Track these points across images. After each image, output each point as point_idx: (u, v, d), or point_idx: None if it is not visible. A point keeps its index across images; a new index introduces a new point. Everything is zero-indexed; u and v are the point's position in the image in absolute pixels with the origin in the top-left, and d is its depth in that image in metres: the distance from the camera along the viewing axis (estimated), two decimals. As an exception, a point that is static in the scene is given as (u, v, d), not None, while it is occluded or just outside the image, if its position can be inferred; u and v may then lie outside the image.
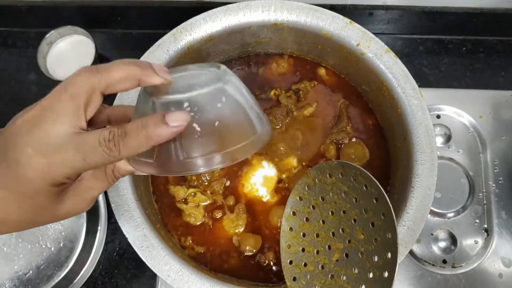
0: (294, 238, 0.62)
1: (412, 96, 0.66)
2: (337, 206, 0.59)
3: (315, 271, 0.59)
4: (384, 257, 0.54)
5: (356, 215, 0.57)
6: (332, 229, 0.59)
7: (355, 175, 0.56)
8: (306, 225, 0.62)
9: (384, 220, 0.54)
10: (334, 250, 0.59)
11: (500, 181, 0.82)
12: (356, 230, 0.57)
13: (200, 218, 0.71)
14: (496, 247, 0.79)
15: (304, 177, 0.62)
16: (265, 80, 0.79)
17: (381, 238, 0.54)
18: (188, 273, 0.60)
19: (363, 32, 0.69)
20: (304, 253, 0.61)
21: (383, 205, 0.54)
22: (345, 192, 0.58)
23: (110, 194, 0.63)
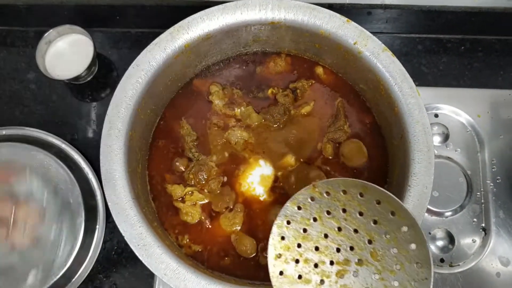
0: (286, 247, 0.59)
1: (409, 94, 0.66)
2: (347, 224, 0.57)
3: (312, 285, 0.57)
4: (408, 285, 0.53)
5: (373, 238, 0.56)
6: (336, 245, 0.58)
7: (382, 200, 0.55)
8: (302, 236, 0.59)
9: (415, 250, 0.54)
10: (338, 266, 0.57)
11: (498, 180, 0.82)
12: (370, 252, 0.56)
13: (197, 217, 0.71)
14: (494, 246, 0.79)
15: (309, 189, 0.59)
16: (262, 78, 0.79)
17: (407, 267, 0.54)
18: (185, 272, 0.60)
19: (360, 30, 0.69)
20: (298, 265, 0.58)
21: (413, 235, 0.54)
22: (361, 212, 0.57)
23: (107, 193, 0.63)
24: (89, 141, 0.88)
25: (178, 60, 0.71)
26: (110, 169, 0.64)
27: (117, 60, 0.93)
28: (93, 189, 0.83)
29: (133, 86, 0.67)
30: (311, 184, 0.59)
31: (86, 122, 0.90)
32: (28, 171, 0.81)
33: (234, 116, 0.76)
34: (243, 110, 0.76)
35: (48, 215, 0.79)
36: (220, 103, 0.76)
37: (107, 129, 0.65)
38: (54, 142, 0.85)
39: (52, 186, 0.81)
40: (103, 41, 0.94)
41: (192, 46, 0.70)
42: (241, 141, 0.74)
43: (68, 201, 0.80)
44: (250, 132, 0.75)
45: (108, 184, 0.63)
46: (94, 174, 0.83)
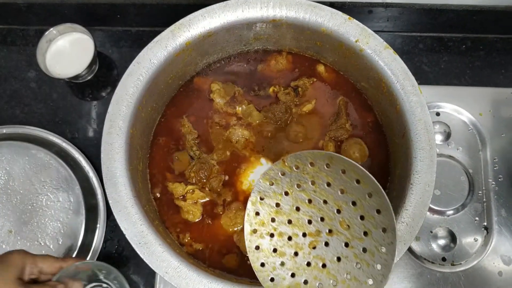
0: (261, 223, 0.61)
1: (411, 92, 0.66)
2: (317, 196, 0.59)
3: (287, 257, 0.59)
4: (376, 251, 0.55)
5: (340, 207, 0.58)
6: (307, 217, 0.59)
7: (346, 169, 0.57)
8: (275, 210, 0.61)
9: (379, 216, 0.55)
10: (310, 238, 0.59)
11: (500, 179, 0.82)
12: (340, 221, 0.58)
13: (198, 215, 0.71)
14: (496, 245, 0.78)
15: (279, 163, 0.61)
16: (263, 77, 0.78)
17: (374, 233, 0.55)
18: (186, 270, 0.60)
19: (362, 28, 0.69)
20: (273, 239, 0.60)
21: (378, 202, 0.55)
22: (329, 183, 0.58)
23: (108, 191, 0.63)
24: (90, 139, 0.88)
25: (179, 58, 0.71)
26: (111, 167, 0.63)
27: (118, 58, 0.93)
28: (94, 188, 0.83)
29: (134, 83, 0.67)
30: (281, 159, 0.61)
31: (86, 121, 0.89)
32: (29, 170, 0.81)
33: (235, 115, 0.76)
34: (244, 108, 0.76)
35: (49, 214, 0.79)
36: (221, 101, 0.76)
37: (108, 127, 0.65)
38: (55, 140, 0.85)
39: (52, 185, 0.81)
40: (104, 40, 0.94)
41: (193, 44, 0.70)
42: (242, 139, 0.74)
43: (68, 200, 0.80)
44: (251, 130, 0.75)
45: (109, 182, 0.63)
46: (94, 173, 0.83)
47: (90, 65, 0.85)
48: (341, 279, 0.57)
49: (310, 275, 0.58)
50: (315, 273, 0.58)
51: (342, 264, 0.57)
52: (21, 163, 0.81)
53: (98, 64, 0.91)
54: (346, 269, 0.56)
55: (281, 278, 0.59)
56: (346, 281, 0.56)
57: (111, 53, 0.93)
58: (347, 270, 0.56)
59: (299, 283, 0.58)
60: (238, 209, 0.71)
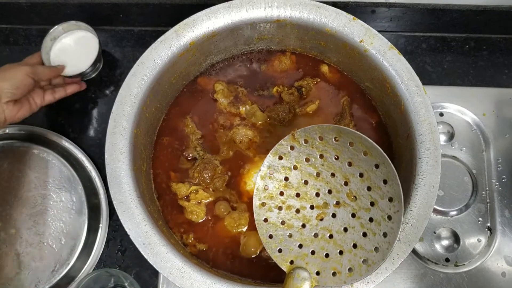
0: (269, 196, 0.62)
1: (415, 93, 0.66)
2: (324, 169, 0.60)
3: (295, 229, 0.60)
4: (382, 220, 0.56)
5: (348, 179, 0.59)
6: (315, 190, 0.60)
7: (354, 141, 0.57)
8: (284, 184, 0.62)
9: (386, 186, 0.56)
10: (317, 210, 0.60)
11: (504, 179, 0.82)
12: (347, 193, 0.59)
13: (202, 216, 0.71)
14: (499, 246, 0.78)
15: (289, 138, 0.61)
16: (267, 77, 0.78)
17: (381, 203, 0.56)
18: (190, 271, 0.60)
19: (367, 28, 0.68)
20: (281, 212, 0.61)
21: (385, 172, 0.56)
22: (337, 156, 0.59)
23: (112, 191, 0.63)
24: (92, 139, 0.88)
25: (183, 58, 0.70)
26: (115, 168, 0.63)
27: (120, 58, 0.93)
28: (96, 188, 0.83)
29: (138, 84, 0.67)
30: (290, 133, 0.61)
31: (89, 121, 0.89)
32: (31, 170, 0.81)
33: (239, 115, 0.76)
34: (248, 108, 0.76)
35: (52, 214, 0.79)
36: (225, 101, 0.76)
37: (112, 127, 0.65)
38: (57, 140, 0.85)
39: (55, 184, 0.80)
40: (106, 39, 0.94)
41: (197, 44, 0.70)
42: (246, 139, 0.74)
43: (71, 200, 0.80)
44: (255, 130, 0.75)
45: (113, 182, 0.63)
46: (97, 173, 0.83)
47: (95, 63, 0.85)
48: (348, 249, 0.58)
49: (317, 246, 0.59)
50: (322, 244, 0.59)
51: (349, 234, 0.58)
52: (24, 162, 0.81)
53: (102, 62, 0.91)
54: (353, 239, 0.58)
55: (289, 249, 0.60)
56: (353, 250, 0.57)
57: (114, 52, 0.93)
58: (353, 239, 0.58)
59: (306, 254, 0.59)
60: (242, 210, 0.71)
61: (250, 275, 0.68)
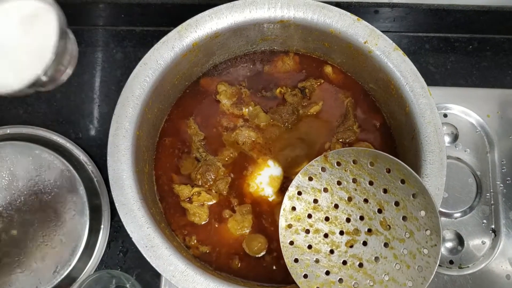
0: (296, 218, 0.60)
1: (420, 94, 0.65)
2: (357, 194, 0.58)
3: (322, 255, 0.58)
4: (417, 253, 0.54)
5: (382, 206, 0.57)
6: (346, 215, 0.58)
7: (391, 168, 0.56)
8: (313, 206, 0.60)
9: (424, 217, 0.54)
10: (347, 236, 0.58)
11: (508, 181, 0.81)
12: (380, 221, 0.57)
13: (204, 218, 0.70)
14: (504, 248, 0.78)
15: (321, 159, 0.60)
16: (270, 78, 0.78)
17: (417, 234, 0.54)
18: (193, 273, 0.60)
19: (371, 29, 0.68)
20: (309, 235, 0.59)
21: (423, 203, 0.54)
22: (371, 181, 0.57)
23: (114, 193, 0.62)
24: (94, 140, 0.87)
25: (185, 59, 0.70)
26: (117, 169, 0.63)
27: (122, 58, 0.92)
28: (98, 188, 0.82)
29: (140, 85, 0.66)
30: (323, 155, 0.60)
31: (90, 121, 0.89)
32: (32, 170, 0.80)
33: (242, 116, 0.75)
34: (251, 110, 0.75)
35: (53, 215, 0.79)
36: (228, 102, 0.75)
37: (114, 129, 0.65)
38: (58, 141, 0.85)
39: (56, 185, 0.80)
40: (108, 39, 0.93)
41: (200, 45, 0.69)
42: (249, 141, 0.74)
43: (72, 200, 0.80)
44: (258, 132, 0.74)
45: (116, 184, 0.62)
46: (98, 173, 0.83)
47: (56, 62, 0.49)
48: (379, 280, 0.56)
49: (346, 274, 0.57)
50: (351, 272, 0.57)
51: (380, 265, 0.56)
52: (25, 163, 0.81)
53: (101, 63, 0.89)
54: (385, 270, 0.55)
55: (315, 275, 0.58)
56: (384, 281, 0.55)
57: (115, 53, 0.93)
58: (385, 270, 0.55)
59: (333, 281, 0.57)
60: (245, 212, 0.70)
61: (253, 278, 0.68)
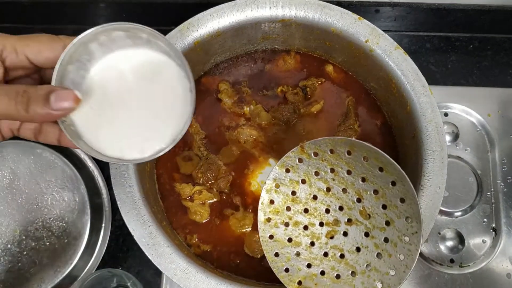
0: (275, 211, 0.59)
1: (421, 93, 0.65)
2: (335, 184, 0.57)
3: (303, 248, 0.58)
4: (398, 241, 0.54)
5: (361, 196, 0.56)
6: (325, 206, 0.58)
7: (369, 156, 0.55)
8: (291, 199, 0.59)
9: (403, 205, 0.54)
10: (327, 227, 0.57)
11: (509, 180, 0.81)
12: (360, 210, 0.56)
13: (206, 216, 0.70)
14: (504, 247, 0.78)
15: (297, 150, 0.58)
16: (271, 77, 0.78)
17: (397, 222, 0.54)
18: (195, 272, 0.60)
19: (372, 28, 0.68)
20: (288, 228, 0.58)
21: (403, 190, 0.54)
22: (349, 171, 0.57)
23: (116, 191, 0.62)
24: (95, 139, 0.87)
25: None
26: (119, 168, 0.63)
27: (123, 57, 0.92)
28: (99, 187, 0.83)
29: (142, 83, 0.66)
30: (299, 145, 0.58)
31: (91, 120, 0.89)
32: (34, 169, 0.80)
33: (243, 115, 0.75)
34: (252, 108, 0.75)
35: (54, 213, 0.79)
36: (229, 101, 0.75)
37: (115, 127, 0.65)
38: (60, 139, 0.85)
39: (58, 184, 0.80)
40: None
41: (201, 44, 0.69)
42: (251, 139, 0.74)
43: (74, 199, 0.80)
44: (260, 130, 0.74)
45: (117, 183, 0.62)
46: (99, 172, 0.83)
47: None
48: (361, 270, 0.55)
49: (327, 266, 0.56)
50: (333, 264, 0.56)
51: (361, 255, 0.55)
52: (27, 162, 0.81)
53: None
54: (366, 260, 0.55)
55: (297, 269, 0.57)
56: (366, 271, 0.55)
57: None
58: (367, 260, 0.55)
59: (315, 274, 0.56)
60: (246, 210, 0.70)
61: (254, 276, 0.68)
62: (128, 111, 0.46)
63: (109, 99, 0.45)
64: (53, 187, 0.80)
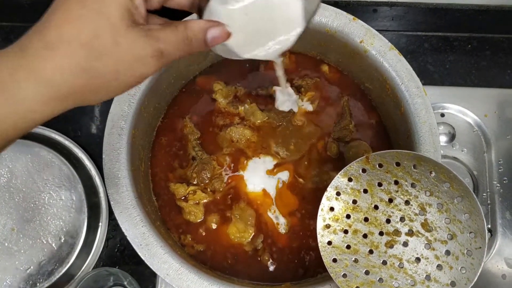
0: (335, 218, 0.59)
1: (416, 94, 0.65)
2: (398, 195, 0.58)
3: (361, 255, 0.58)
4: (460, 254, 0.54)
5: (424, 209, 0.57)
6: (386, 216, 0.58)
7: (435, 171, 0.56)
8: (352, 207, 0.59)
9: (468, 220, 0.54)
10: (387, 237, 0.58)
11: (505, 181, 0.81)
12: (421, 223, 0.57)
13: (200, 216, 0.71)
14: (500, 248, 0.78)
15: (362, 160, 0.59)
16: (266, 76, 0.78)
17: (460, 237, 0.55)
18: (187, 272, 0.60)
19: (367, 29, 0.68)
20: (347, 235, 0.58)
21: (468, 206, 0.55)
22: (413, 184, 0.57)
23: (109, 192, 0.63)
24: (93, 138, 0.88)
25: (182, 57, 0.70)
26: (113, 168, 0.63)
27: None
28: (96, 186, 0.83)
29: (136, 83, 0.66)
30: (364, 156, 0.59)
31: (89, 119, 0.89)
32: (31, 168, 0.81)
33: (238, 114, 0.75)
34: (247, 107, 0.75)
35: (51, 212, 0.79)
36: (224, 101, 0.75)
37: (109, 128, 0.65)
38: (57, 138, 0.85)
39: (55, 183, 0.80)
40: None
41: (196, 44, 0.69)
42: (244, 139, 0.74)
43: (71, 198, 0.80)
44: (254, 130, 0.74)
45: (111, 183, 0.63)
46: (97, 171, 0.83)
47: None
48: (420, 280, 0.55)
49: (386, 274, 0.57)
50: (391, 272, 0.56)
51: (421, 265, 0.56)
52: (24, 161, 0.81)
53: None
54: (426, 270, 0.55)
55: (354, 275, 0.57)
56: (426, 282, 0.55)
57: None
58: (427, 271, 0.55)
59: (373, 281, 0.56)
60: (248, 223, 0.70)
61: (247, 276, 0.68)
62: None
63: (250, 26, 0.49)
64: (51, 185, 0.80)
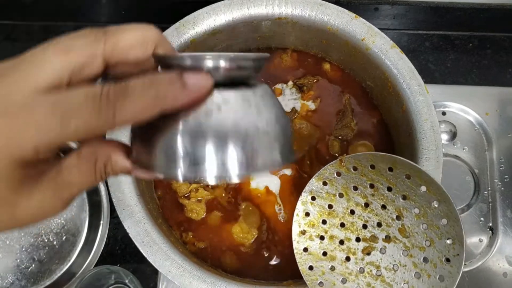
0: (310, 224, 0.58)
1: (417, 92, 0.65)
2: (375, 199, 0.57)
3: (338, 262, 0.57)
4: (439, 262, 0.53)
5: (401, 213, 0.55)
6: (363, 221, 0.57)
7: (411, 174, 0.55)
8: (328, 212, 0.58)
9: (445, 226, 0.53)
10: (364, 243, 0.56)
11: (506, 179, 0.81)
12: (399, 228, 0.55)
13: (202, 214, 0.71)
14: (501, 246, 0.78)
15: (336, 163, 0.58)
16: (268, 75, 0.78)
17: (438, 243, 0.53)
18: (190, 269, 0.60)
19: (368, 27, 0.68)
20: (323, 242, 0.57)
21: (445, 211, 0.53)
22: (390, 187, 0.56)
23: (111, 189, 0.63)
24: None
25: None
26: (114, 165, 0.63)
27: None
28: (97, 185, 0.83)
29: (138, 81, 0.66)
30: (338, 159, 0.58)
31: (90, 117, 0.89)
32: (33, 166, 0.81)
33: (240, 113, 0.75)
34: (248, 107, 0.75)
35: (53, 211, 0.79)
36: (226, 99, 0.75)
37: (112, 125, 0.65)
38: (59, 137, 0.85)
39: (56, 181, 0.80)
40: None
41: (197, 42, 0.69)
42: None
43: (72, 197, 0.80)
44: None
45: (113, 180, 0.63)
46: (98, 170, 0.83)
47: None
48: None
49: (363, 282, 0.55)
50: (369, 280, 0.55)
51: (399, 273, 0.54)
52: (25, 159, 0.81)
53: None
54: (404, 278, 0.54)
55: (331, 283, 0.56)
56: None
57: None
58: (404, 279, 0.54)
59: None
60: (253, 225, 0.70)
61: (249, 274, 0.68)
62: None
63: None
64: (52, 184, 0.80)
